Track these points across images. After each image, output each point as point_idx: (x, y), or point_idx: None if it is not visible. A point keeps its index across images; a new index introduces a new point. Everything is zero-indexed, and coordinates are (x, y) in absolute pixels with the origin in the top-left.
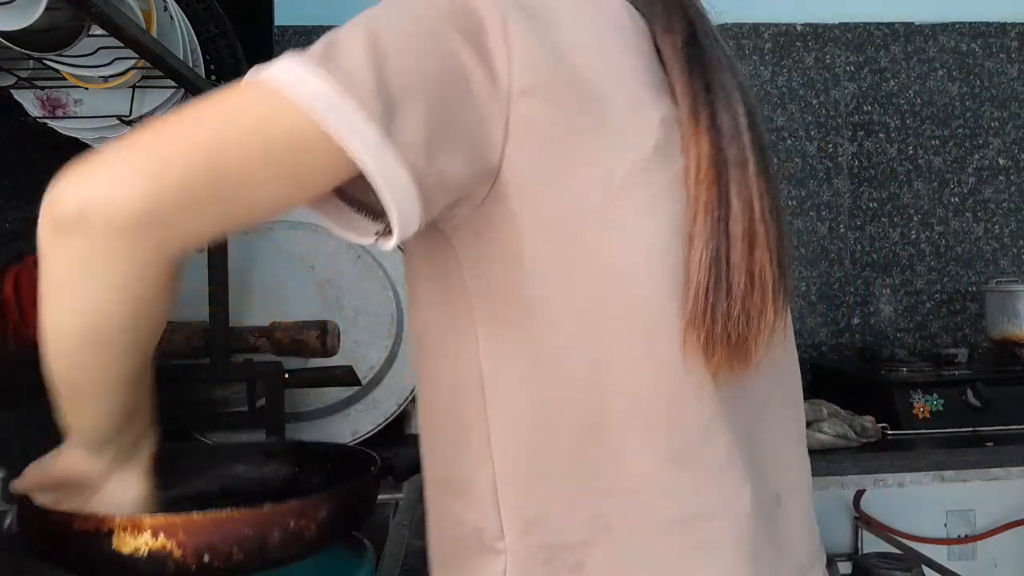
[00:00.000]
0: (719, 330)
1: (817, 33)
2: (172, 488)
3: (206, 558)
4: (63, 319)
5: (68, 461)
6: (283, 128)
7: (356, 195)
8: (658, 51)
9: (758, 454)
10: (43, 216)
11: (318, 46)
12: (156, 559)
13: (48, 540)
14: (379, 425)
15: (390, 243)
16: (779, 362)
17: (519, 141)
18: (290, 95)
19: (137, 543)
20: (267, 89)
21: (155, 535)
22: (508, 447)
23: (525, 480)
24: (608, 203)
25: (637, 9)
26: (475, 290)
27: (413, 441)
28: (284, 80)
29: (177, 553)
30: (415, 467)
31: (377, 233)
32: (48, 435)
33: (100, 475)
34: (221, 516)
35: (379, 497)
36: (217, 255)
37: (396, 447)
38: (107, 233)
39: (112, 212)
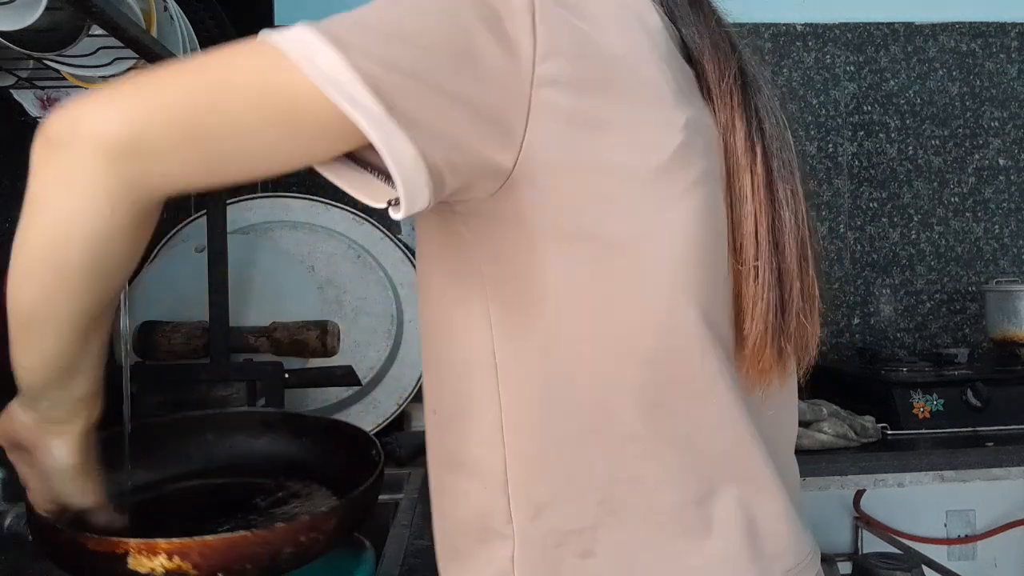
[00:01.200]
0: (772, 345)
1: (817, 33)
2: (168, 467)
3: None
4: (30, 236)
5: (10, 414)
6: (285, 90)
7: (370, 159)
8: (686, 55)
9: (770, 450)
10: (36, 136)
11: (335, 18)
12: None
13: (61, 556)
14: (379, 425)
15: (399, 213)
16: (788, 389)
17: (542, 127)
18: (298, 61)
19: (152, 564)
20: (275, 51)
21: (170, 557)
22: (520, 429)
23: (537, 463)
24: (632, 195)
25: (663, 8)
26: (490, 274)
27: (399, 434)
28: (293, 45)
29: (192, 573)
30: (417, 451)
31: (389, 202)
32: None
33: (29, 431)
34: (235, 539)
35: (379, 497)
36: (217, 255)
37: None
38: (90, 150)
39: (98, 131)
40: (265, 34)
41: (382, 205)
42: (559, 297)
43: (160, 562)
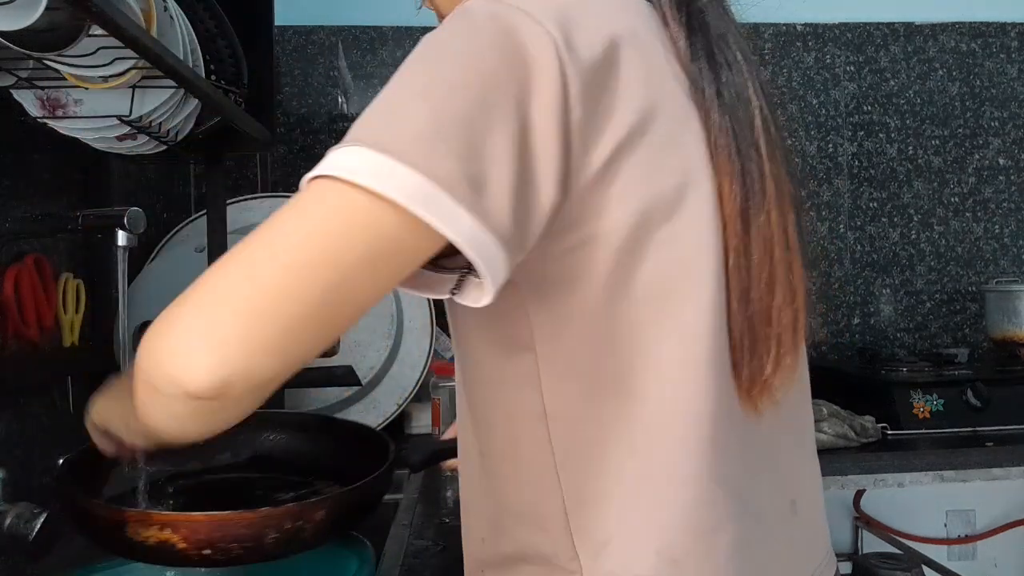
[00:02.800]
0: (751, 374)
1: (817, 33)
2: (214, 456)
3: (207, 551)
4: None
5: (100, 409)
6: (384, 229)
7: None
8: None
9: (778, 469)
10: (141, 374)
11: (378, 124)
12: (163, 549)
13: (82, 521)
14: (379, 425)
15: (470, 298)
16: (798, 381)
17: (591, 182)
18: (384, 192)
19: (147, 533)
20: (353, 191)
21: (161, 529)
22: (574, 472)
23: (593, 503)
24: (664, 221)
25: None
26: (536, 319)
27: (415, 440)
28: (370, 176)
29: (181, 545)
30: (431, 459)
31: (452, 291)
32: (48, 435)
33: (122, 418)
34: (218, 517)
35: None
36: (217, 255)
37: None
38: (184, 397)
39: (190, 383)
40: (327, 168)
41: (446, 295)
42: (605, 335)
43: (153, 532)
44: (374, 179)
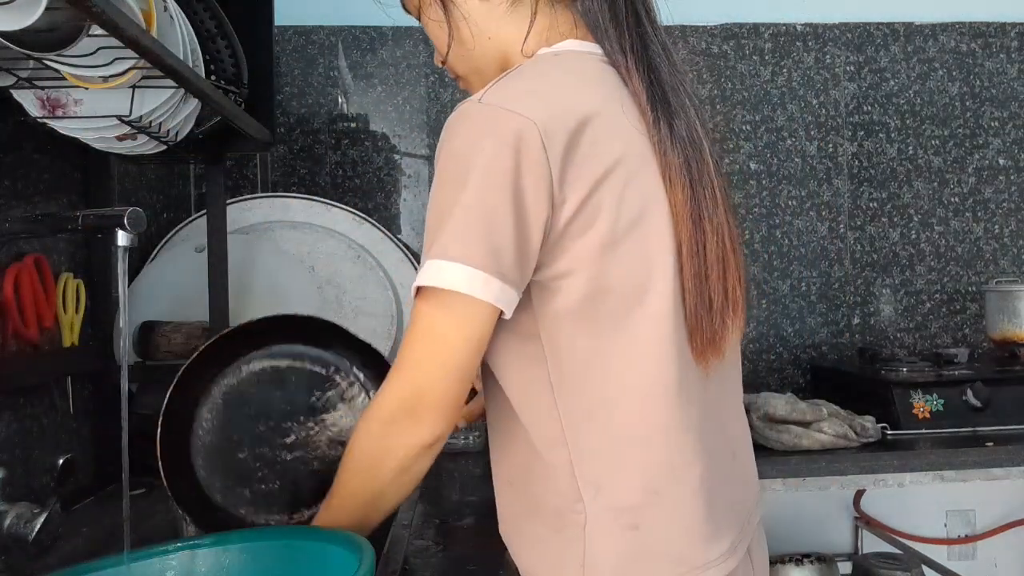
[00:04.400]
0: (705, 337)
1: (817, 33)
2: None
3: None
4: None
5: None
6: (482, 318)
7: None
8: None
9: (721, 420)
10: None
11: (452, 237)
12: None
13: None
14: None
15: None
16: (735, 344)
17: (568, 223)
18: (481, 296)
19: None
20: (458, 297)
21: None
22: (576, 432)
23: (591, 456)
24: (629, 233)
25: (599, 43)
26: (538, 313)
27: None
28: (470, 287)
29: None
30: None
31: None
32: (48, 435)
33: None
34: None
35: None
36: (217, 255)
37: None
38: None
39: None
40: (431, 278)
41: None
42: (599, 319)
43: None
44: (470, 288)
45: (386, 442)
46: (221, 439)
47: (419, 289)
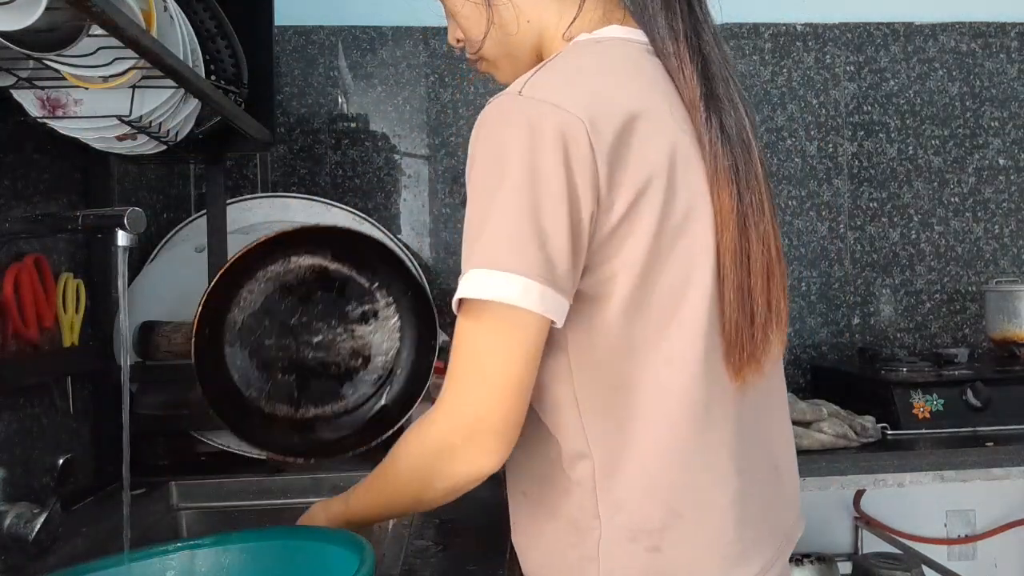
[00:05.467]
0: (746, 352)
1: (817, 33)
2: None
3: None
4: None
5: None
6: (537, 330)
7: None
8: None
9: (762, 436)
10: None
11: (499, 246)
12: None
13: None
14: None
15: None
16: (778, 358)
17: (615, 227)
18: (537, 309)
19: None
20: (511, 310)
21: None
22: (602, 448)
23: (614, 472)
24: (674, 242)
25: (654, 47)
26: (568, 328)
27: None
28: (526, 299)
29: None
30: None
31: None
32: (48, 435)
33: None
34: None
35: None
36: (217, 255)
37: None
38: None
39: (479, 473)
40: (480, 289)
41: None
42: (625, 332)
43: None
44: (521, 299)
45: (440, 465)
46: (254, 321)
47: (462, 301)
